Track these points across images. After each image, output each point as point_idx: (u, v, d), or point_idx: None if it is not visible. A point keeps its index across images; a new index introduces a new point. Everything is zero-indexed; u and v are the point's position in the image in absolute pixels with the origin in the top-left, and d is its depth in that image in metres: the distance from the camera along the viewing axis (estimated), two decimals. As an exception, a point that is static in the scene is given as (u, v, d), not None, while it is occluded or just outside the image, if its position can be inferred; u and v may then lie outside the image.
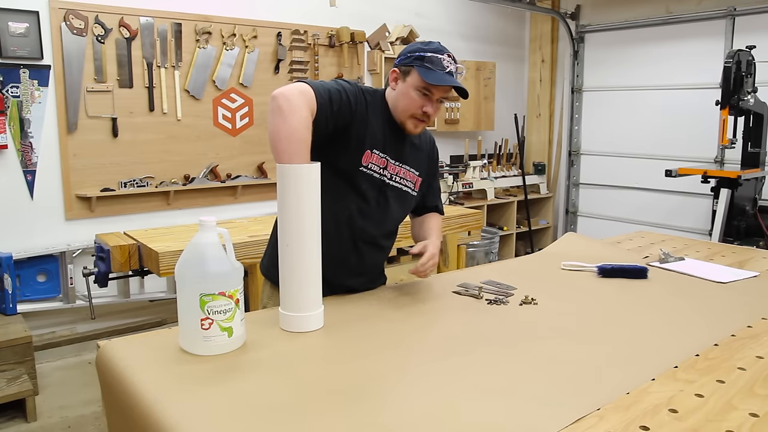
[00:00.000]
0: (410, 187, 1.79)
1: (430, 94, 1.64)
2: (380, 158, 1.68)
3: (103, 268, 2.78)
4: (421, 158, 1.82)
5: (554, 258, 2.12)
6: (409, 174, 1.77)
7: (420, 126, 1.69)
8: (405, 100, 1.66)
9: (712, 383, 1.14)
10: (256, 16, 4.05)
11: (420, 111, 1.65)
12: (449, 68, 1.63)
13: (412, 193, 1.80)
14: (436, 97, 1.65)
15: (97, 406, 2.91)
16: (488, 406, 1.05)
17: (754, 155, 3.98)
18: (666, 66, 5.00)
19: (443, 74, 1.62)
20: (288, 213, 1.38)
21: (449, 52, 1.66)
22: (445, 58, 1.63)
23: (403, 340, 1.37)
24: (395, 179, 1.74)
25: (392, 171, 1.72)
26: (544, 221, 5.77)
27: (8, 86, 3.24)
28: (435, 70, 1.61)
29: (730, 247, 2.43)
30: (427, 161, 1.85)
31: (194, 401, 1.06)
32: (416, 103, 1.64)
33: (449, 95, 1.69)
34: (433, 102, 1.65)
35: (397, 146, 1.73)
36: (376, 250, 1.79)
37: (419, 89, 1.63)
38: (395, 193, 1.74)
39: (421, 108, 1.65)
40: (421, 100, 1.64)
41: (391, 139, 1.71)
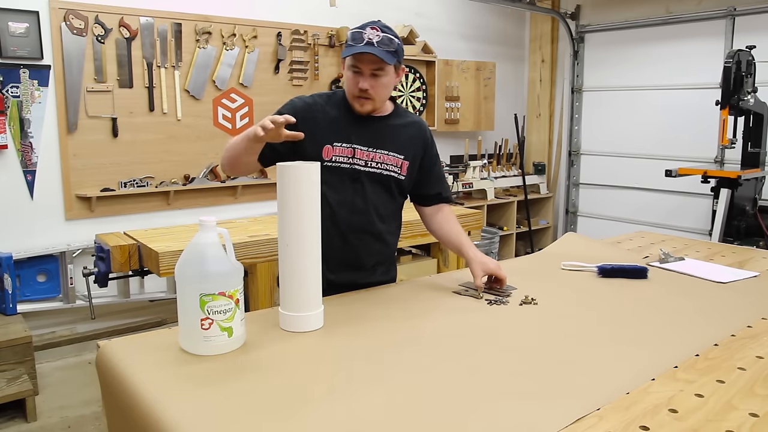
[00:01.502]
0: (395, 171, 1.79)
1: (359, 70, 1.67)
2: (345, 149, 1.73)
3: (103, 268, 2.78)
4: (404, 140, 1.82)
5: (554, 258, 2.12)
6: (390, 158, 1.78)
7: (365, 104, 1.72)
8: (346, 84, 1.73)
9: (712, 383, 1.14)
10: (256, 16, 4.05)
11: (357, 89, 1.69)
12: (368, 39, 1.63)
13: (397, 176, 1.80)
14: (366, 72, 1.67)
15: (97, 406, 2.91)
16: (488, 406, 1.05)
17: (754, 155, 3.98)
18: (666, 66, 5.00)
19: (359, 46, 1.63)
20: (288, 213, 1.38)
21: (376, 25, 1.67)
22: (367, 31, 1.64)
23: (403, 340, 1.37)
24: (371, 165, 1.76)
25: (365, 157, 1.75)
26: (544, 221, 5.77)
27: (8, 86, 3.24)
28: (354, 45, 1.64)
29: (730, 247, 2.43)
30: (416, 145, 1.85)
31: (194, 401, 1.06)
32: (352, 82, 1.69)
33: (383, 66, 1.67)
34: (365, 77, 1.67)
35: (369, 134, 1.76)
36: (371, 240, 1.80)
37: (350, 68, 1.69)
38: (374, 178, 1.76)
39: (357, 86, 1.68)
40: (355, 77, 1.68)
41: (359, 129, 1.75)
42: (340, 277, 1.76)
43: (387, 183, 1.79)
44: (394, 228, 1.90)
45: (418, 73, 4.92)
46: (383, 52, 1.64)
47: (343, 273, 1.77)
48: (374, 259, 1.84)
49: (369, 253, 1.82)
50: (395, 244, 1.93)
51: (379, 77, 1.69)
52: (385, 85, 1.71)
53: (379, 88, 1.70)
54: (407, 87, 4.86)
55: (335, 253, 1.72)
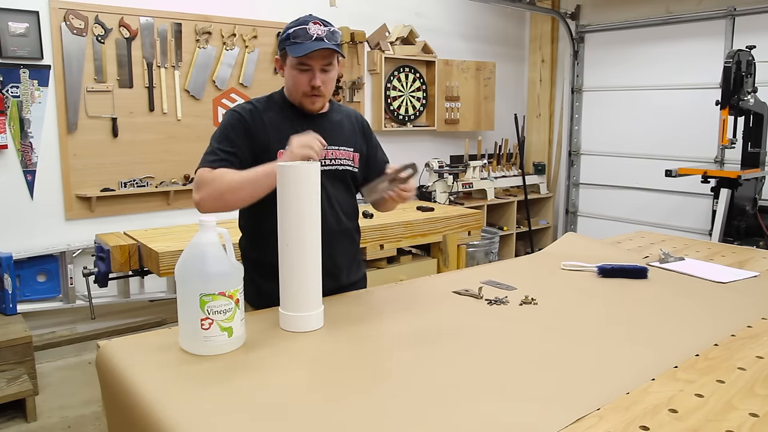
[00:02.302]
0: (348, 164, 1.78)
1: (309, 67, 1.63)
2: None
3: (103, 268, 2.78)
4: (348, 133, 1.81)
5: (554, 258, 2.12)
6: (341, 152, 1.76)
7: (317, 101, 1.69)
8: (291, 82, 1.68)
9: (712, 383, 1.14)
10: (256, 16, 4.05)
11: (308, 87, 1.65)
12: (316, 34, 1.61)
13: (352, 169, 1.79)
14: (317, 68, 1.64)
15: (97, 406, 2.91)
16: (488, 407, 1.05)
17: (754, 155, 3.98)
18: (666, 66, 5.00)
19: (310, 43, 1.60)
20: (288, 213, 1.38)
21: (318, 19, 1.64)
22: (310, 27, 1.61)
23: (403, 340, 1.37)
24: (326, 162, 1.72)
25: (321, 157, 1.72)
26: (544, 221, 5.77)
27: (8, 86, 3.24)
28: (302, 42, 1.60)
29: (730, 247, 2.43)
30: (357, 135, 1.84)
31: (194, 401, 1.06)
32: (301, 80, 1.65)
33: (332, 60, 1.66)
34: (316, 74, 1.64)
35: (316, 131, 1.68)
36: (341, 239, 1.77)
37: (296, 67, 1.64)
38: (331, 175, 1.74)
39: (308, 84, 1.65)
40: (304, 76, 1.65)
41: (306, 127, 1.68)
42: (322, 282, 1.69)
43: (344, 178, 1.78)
44: (357, 224, 1.88)
45: (418, 73, 4.92)
46: (336, 47, 1.63)
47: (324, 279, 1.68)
48: (347, 259, 1.81)
49: (341, 253, 1.78)
50: (360, 241, 1.91)
51: (329, 72, 1.67)
52: (333, 79, 1.71)
53: (329, 83, 1.69)
54: (407, 87, 4.86)
55: None
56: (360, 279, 1.89)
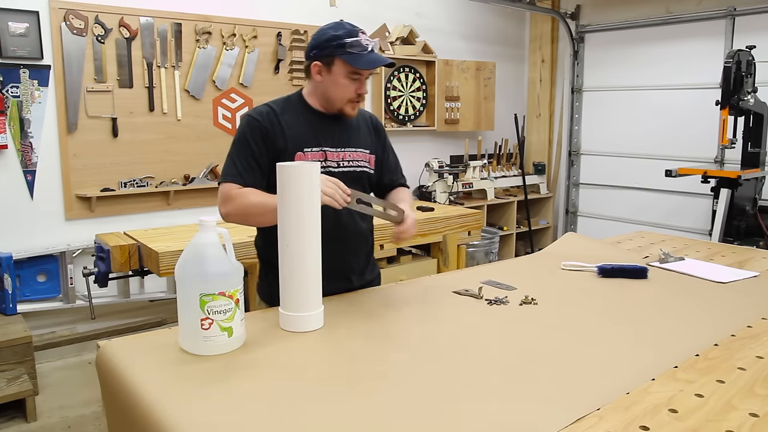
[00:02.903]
0: (365, 166, 1.81)
1: (359, 76, 1.69)
2: (316, 153, 1.72)
3: (103, 268, 2.78)
4: (364, 136, 1.85)
5: (554, 258, 2.12)
6: (359, 154, 1.80)
7: (357, 107, 1.76)
8: (337, 89, 1.70)
9: (712, 383, 1.14)
10: (256, 16, 4.05)
11: (355, 95, 1.71)
12: (369, 46, 1.67)
13: (369, 171, 1.83)
14: (365, 77, 1.71)
15: (97, 406, 2.91)
16: (488, 406, 1.05)
17: (754, 155, 3.98)
18: (666, 66, 5.00)
19: (369, 55, 1.66)
20: (288, 213, 1.38)
21: (361, 30, 1.70)
22: (362, 39, 1.66)
23: (403, 340, 1.37)
24: (344, 164, 1.76)
25: (336, 158, 1.75)
26: (544, 221, 5.77)
27: (8, 86, 3.24)
28: (360, 53, 1.65)
29: (730, 247, 2.43)
30: (372, 137, 1.87)
31: (194, 401, 1.06)
32: (349, 88, 1.70)
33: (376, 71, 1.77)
34: (363, 83, 1.71)
35: (333, 134, 1.76)
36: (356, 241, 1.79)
37: (349, 76, 1.68)
38: (348, 177, 1.74)
39: (355, 92, 1.70)
40: (353, 84, 1.70)
41: (323, 130, 1.75)
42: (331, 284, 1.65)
43: (361, 180, 1.80)
44: (372, 225, 1.90)
45: (418, 73, 4.92)
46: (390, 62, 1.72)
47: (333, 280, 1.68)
48: (361, 260, 1.83)
49: (356, 255, 1.81)
50: (373, 242, 1.94)
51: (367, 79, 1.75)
52: None
53: None
54: (407, 87, 4.86)
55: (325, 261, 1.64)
56: (374, 279, 1.91)
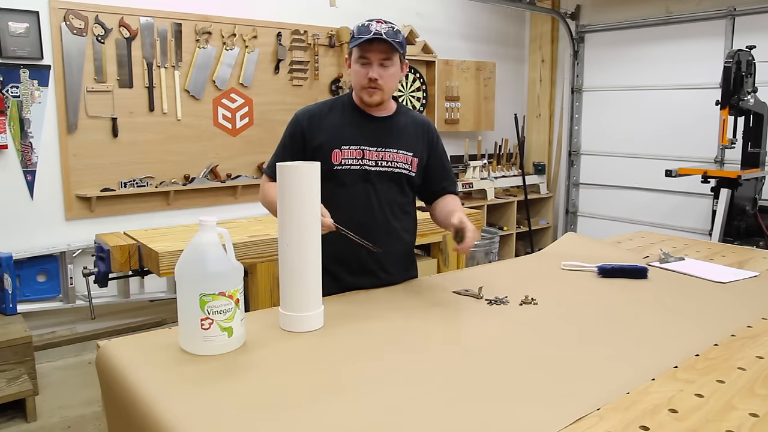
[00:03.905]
0: (405, 168, 1.81)
1: (368, 61, 1.71)
2: (353, 151, 1.76)
3: (103, 268, 2.78)
4: (411, 138, 1.84)
5: (554, 258, 2.12)
6: (399, 156, 1.80)
7: (375, 93, 1.74)
8: (353, 77, 1.77)
9: (712, 383, 1.14)
10: (256, 16, 4.05)
11: (366, 80, 1.72)
12: (374, 30, 1.69)
13: (408, 173, 1.82)
14: (374, 61, 1.71)
15: (97, 406, 2.91)
16: (488, 406, 1.05)
17: (754, 155, 3.98)
18: (666, 66, 4.99)
19: (368, 36, 1.68)
20: (288, 213, 1.38)
21: (382, 19, 1.73)
22: (372, 24, 1.70)
23: (403, 340, 1.37)
24: (382, 164, 1.78)
25: (375, 157, 1.77)
26: (544, 221, 5.77)
27: (8, 86, 3.24)
28: (362, 36, 1.69)
29: (730, 247, 2.43)
30: (420, 142, 1.86)
31: (194, 401, 1.06)
32: (361, 74, 1.73)
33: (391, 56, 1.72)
34: (374, 67, 1.71)
35: (375, 134, 1.79)
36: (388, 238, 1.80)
37: (357, 61, 1.73)
38: (385, 177, 1.79)
39: (366, 77, 1.72)
40: (363, 69, 1.72)
41: (364, 129, 1.78)
42: (360, 280, 1.77)
43: (399, 181, 1.81)
44: (409, 225, 1.92)
45: (418, 73, 4.92)
46: (392, 41, 1.69)
47: (363, 276, 1.78)
48: (393, 258, 1.84)
49: (388, 253, 1.81)
50: (413, 242, 1.95)
51: (387, 67, 1.72)
52: (392, 76, 1.75)
53: (387, 78, 1.73)
54: (407, 87, 4.86)
55: (354, 256, 1.74)
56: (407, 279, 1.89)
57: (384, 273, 1.82)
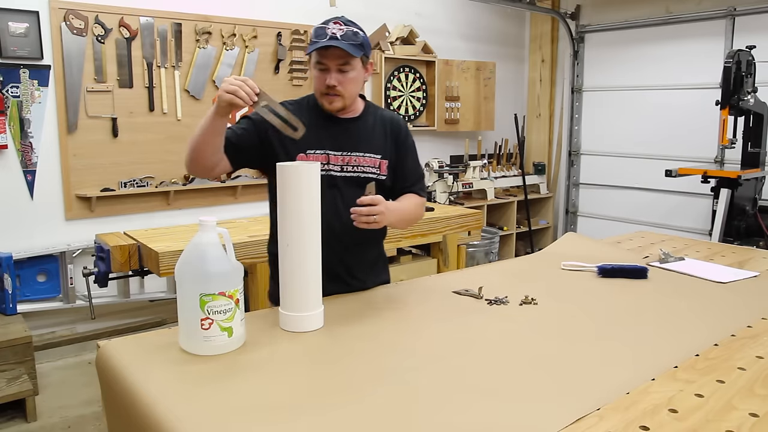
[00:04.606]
0: (373, 172, 1.75)
1: (325, 66, 1.64)
2: (318, 155, 1.69)
3: (103, 268, 2.78)
4: (377, 139, 1.77)
5: (554, 258, 2.12)
6: (366, 159, 1.74)
7: (334, 100, 1.67)
8: (313, 83, 1.70)
9: (712, 383, 1.14)
10: (256, 16, 4.05)
11: (324, 87, 1.65)
12: (331, 33, 1.60)
13: (377, 177, 1.75)
14: (332, 67, 1.63)
15: (97, 406, 2.91)
16: (488, 406, 1.05)
17: (754, 155, 3.98)
18: (666, 66, 4.99)
19: (324, 41, 1.60)
20: (288, 213, 1.38)
21: (339, 20, 1.64)
22: (329, 26, 1.61)
23: (403, 340, 1.37)
24: (348, 169, 1.72)
25: (340, 162, 1.71)
26: (544, 221, 5.77)
27: (8, 86, 3.24)
28: (318, 41, 1.61)
29: (730, 247, 2.43)
30: (388, 141, 1.80)
31: (194, 401, 1.06)
32: (319, 80, 1.66)
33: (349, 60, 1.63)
34: (331, 73, 1.64)
35: (341, 137, 1.71)
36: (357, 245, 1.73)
37: (315, 66, 1.65)
38: (352, 182, 1.71)
39: (324, 83, 1.65)
40: (321, 75, 1.65)
41: (331, 133, 1.71)
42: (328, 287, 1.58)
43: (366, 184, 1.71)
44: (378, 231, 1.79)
45: (418, 73, 4.92)
46: (348, 45, 1.60)
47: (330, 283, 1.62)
48: (363, 265, 1.78)
49: (355, 260, 1.75)
50: (382, 246, 1.88)
51: (346, 72, 1.65)
52: (353, 80, 1.67)
53: (347, 83, 1.66)
54: (407, 87, 4.86)
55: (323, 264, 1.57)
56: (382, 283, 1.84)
57: (353, 279, 1.76)
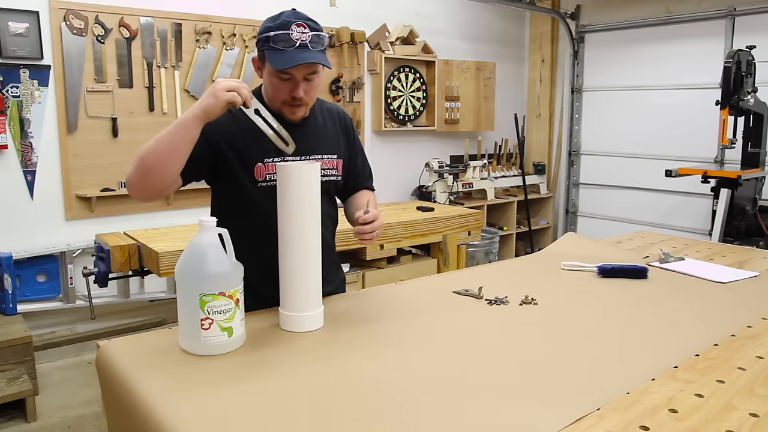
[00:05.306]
0: (333, 174, 1.65)
1: (291, 76, 1.46)
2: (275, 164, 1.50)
3: (103, 268, 2.78)
4: (332, 138, 1.67)
5: (554, 258, 2.12)
6: (325, 161, 1.63)
7: (298, 110, 1.53)
8: (271, 89, 1.51)
9: (712, 383, 1.14)
10: (256, 16, 4.05)
11: (289, 97, 1.49)
12: (300, 41, 1.42)
13: (336, 179, 1.67)
14: (299, 77, 1.46)
15: (97, 406, 2.91)
16: (488, 406, 1.05)
17: (754, 155, 3.98)
18: (666, 66, 5.00)
19: (292, 52, 1.41)
20: (288, 213, 1.38)
21: (301, 20, 1.43)
22: (293, 31, 1.41)
23: (403, 340, 1.37)
24: None
25: None
26: (544, 221, 5.77)
27: (8, 86, 3.24)
28: (284, 49, 1.42)
29: (730, 247, 2.43)
30: (341, 139, 1.70)
31: (194, 401, 1.06)
32: (281, 90, 1.49)
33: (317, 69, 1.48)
34: (299, 84, 1.47)
35: (296, 139, 1.51)
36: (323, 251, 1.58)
37: (277, 75, 1.46)
38: None
39: (289, 94, 1.49)
40: (286, 85, 1.48)
41: None
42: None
43: (327, 189, 1.65)
44: (333, 229, 1.76)
45: (418, 73, 4.92)
46: (321, 55, 1.45)
47: None
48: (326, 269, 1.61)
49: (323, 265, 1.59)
50: (334, 244, 1.79)
51: (312, 81, 1.50)
52: (317, 87, 1.54)
53: (312, 91, 1.52)
54: (407, 87, 4.86)
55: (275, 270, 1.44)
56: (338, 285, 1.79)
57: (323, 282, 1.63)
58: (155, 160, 1.38)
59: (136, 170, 1.39)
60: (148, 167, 1.38)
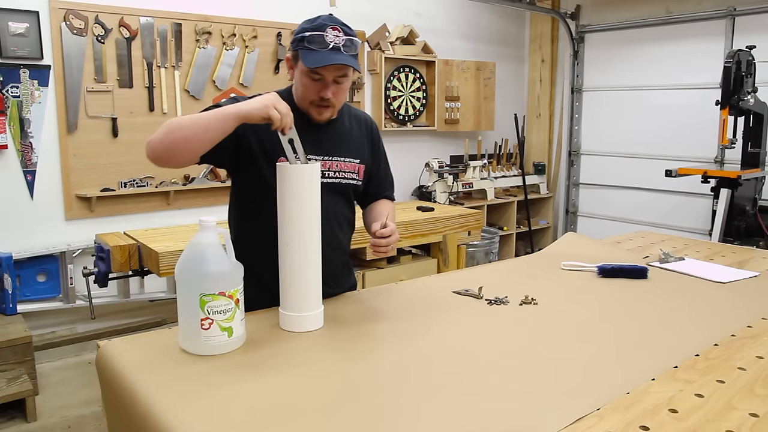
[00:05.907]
0: (353, 178, 1.68)
1: (321, 77, 1.51)
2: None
3: (103, 268, 2.78)
4: (357, 143, 1.71)
5: (554, 258, 2.12)
6: (346, 164, 1.66)
7: (325, 112, 1.57)
8: (301, 89, 1.56)
9: (712, 383, 1.14)
10: (256, 16, 4.05)
11: (317, 97, 1.54)
12: (333, 43, 1.47)
13: (356, 183, 1.70)
14: (329, 78, 1.51)
15: (97, 406, 2.91)
16: (488, 407, 1.05)
17: (754, 155, 3.98)
18: (666, 66, 5.00)
19: (325, 53, 1.46)
20: (288, 213, 1.38)
21: (336, 24, 1.49)
22: (328, 34, 1.47)
23: (403, 340, 1.37)
24: (329, 174, 1.62)
25: (321, 167, 1.58)
26: (544, 221, 5.77)
27: (8, 86, 3.24)
28: (317, 50, 1.47)
29: (730, 247, 2.43)
30: (366, 144, 1.74)
31: (194, 401, 1.06)
32: (311, 89, 1.53)
33: (347, 72, 1.53)
34: (328, 85, 1.52)
35: (321, 140, 1.60)
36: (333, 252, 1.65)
37: (308, 75, 1.51)
38: (332, 189, 1.62)
39: (317, 94, 1.53)
40: (315, 85, 1.52)
41: (310, 137, 1.57)
42: None
43: (346, 192, 1.69)
44: (350, 233, 1.79)
45: (418, 73, 4.92)
46: (352, 59, 1.50)
47: None
48: (334, 272, 1.70)
49: (332, 267, 1.66)
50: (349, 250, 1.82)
51: (342, 84, 1.55)
52: (346, 90, 1.59)
53: (340, 94, 1.57)
54: (407, 87, 4.86)
55: None
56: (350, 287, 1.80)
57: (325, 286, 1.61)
58: (184, 137, 1.40)
59: (162, 138, 1.41)
60: (175, 141, 1.41)
